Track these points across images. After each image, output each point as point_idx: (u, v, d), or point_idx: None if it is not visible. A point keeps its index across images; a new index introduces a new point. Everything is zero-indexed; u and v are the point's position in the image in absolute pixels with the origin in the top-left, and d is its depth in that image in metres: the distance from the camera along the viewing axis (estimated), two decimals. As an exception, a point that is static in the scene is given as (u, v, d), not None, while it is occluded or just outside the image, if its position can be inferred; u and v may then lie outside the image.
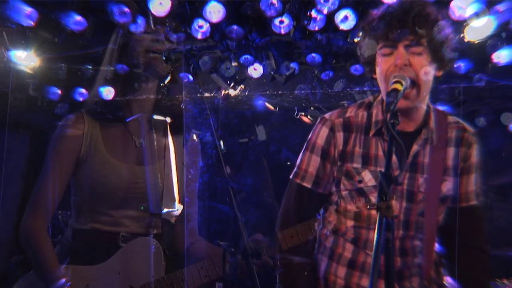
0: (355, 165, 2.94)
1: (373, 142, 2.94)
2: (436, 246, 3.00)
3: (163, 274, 2.67)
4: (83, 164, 2.62)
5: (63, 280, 2.53)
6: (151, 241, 2.67)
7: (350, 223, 2.97)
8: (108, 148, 2.64)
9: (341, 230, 3.01)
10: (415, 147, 2.92)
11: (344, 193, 2.96)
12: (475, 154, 2.99)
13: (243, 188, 6.11)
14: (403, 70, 2.74)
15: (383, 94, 2.89)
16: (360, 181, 2.92)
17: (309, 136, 3.07)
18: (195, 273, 2.63)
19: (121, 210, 2.63)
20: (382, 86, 2.86)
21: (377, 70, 2.87)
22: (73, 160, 2.61)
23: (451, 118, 3.02)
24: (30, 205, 2.59)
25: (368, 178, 2.92)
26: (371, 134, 2.94)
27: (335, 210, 3.03)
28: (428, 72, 2.78)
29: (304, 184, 3.03)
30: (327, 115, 3.05)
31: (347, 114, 3.01)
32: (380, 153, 2.91)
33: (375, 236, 2.22)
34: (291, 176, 3.08)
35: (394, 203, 2.58)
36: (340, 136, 2.97)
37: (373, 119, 2.95)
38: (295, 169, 3.08)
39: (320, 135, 3.01)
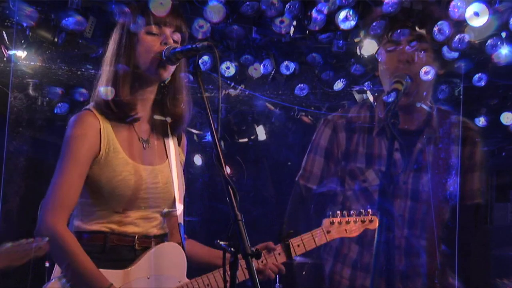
0: (358, 164, 2.95)
1: (376, 141, 2.94)
2: (441, 245, 3.00)
3: (186, 278, 2.66)
4: (100, 164, 2.55)
5: (64, 280, 2.51)
6: (177, 245, 2.66)
7: None
8: (124, 148, 2.61)
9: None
10: (418, 146, 2.92)
11: (349, 193, 2.97)
12: (479, 152, 2.99)
13: (243, 188, 6.10)
14: (406, 67, 2.75)
15: (385, 91, 2.90)
16: (364, 181, 2.93)
17: (313, 138, 3.09)
18: (218, 279, 2.63)
19: (138, 211, 2.61)
20: (384, 83, 2.87)
21: (380, 67, 2.87)
22: (90, 161, 2.56)
23: (455, 118, 3.03)
24: (49, 206, 2.53)
25: (372, 177, 2.92)
26: (374, 133, 2.95)
27: (340, 210, 3.03)
28: (429, 71, 2.79)
29: (309, 185, 3.04)
30: (329, 116, 3.08)
31: (350, 114, 3.02)
32: (384, 152, 2.91)
33: (375, 236, 2.23)
34: (296, 178, 3.10)
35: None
36: (342, 136, 2.98)
37: (376, 118, 2.96)
38: (300, 171, 3.09)
39: (323, 136, 3.03)
